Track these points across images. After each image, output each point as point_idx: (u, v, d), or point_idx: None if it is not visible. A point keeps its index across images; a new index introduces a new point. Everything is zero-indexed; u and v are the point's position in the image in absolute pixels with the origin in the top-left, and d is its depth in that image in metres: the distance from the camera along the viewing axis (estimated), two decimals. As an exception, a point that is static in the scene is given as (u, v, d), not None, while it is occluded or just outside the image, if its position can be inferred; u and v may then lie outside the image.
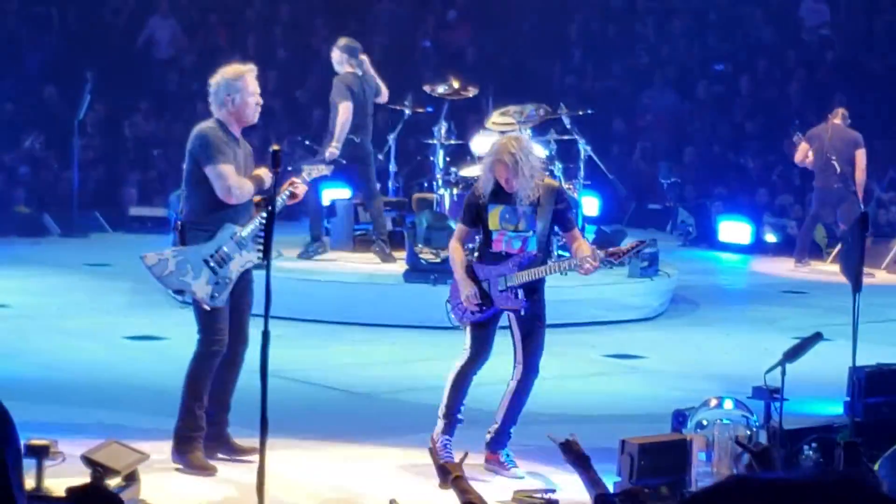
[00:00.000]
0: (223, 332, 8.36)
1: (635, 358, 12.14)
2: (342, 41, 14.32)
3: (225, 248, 8.31)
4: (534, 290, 8.65)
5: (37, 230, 18.62)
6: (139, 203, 19.88)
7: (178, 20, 22.63)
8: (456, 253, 8.79)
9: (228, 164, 8.29)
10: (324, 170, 8.86)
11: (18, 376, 10.39)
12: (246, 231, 8.35)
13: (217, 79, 8.48)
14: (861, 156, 16.98)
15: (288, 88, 21.96)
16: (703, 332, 13.40)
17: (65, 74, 20.73)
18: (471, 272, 8.69)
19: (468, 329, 8.70)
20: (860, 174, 16.95)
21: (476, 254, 8.98)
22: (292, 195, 8.45)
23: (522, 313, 8.60)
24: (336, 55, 14.16)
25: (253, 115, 8.51)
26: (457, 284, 8.69)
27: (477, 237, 9.06)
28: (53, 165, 19.88)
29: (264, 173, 8.40)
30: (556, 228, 8.96)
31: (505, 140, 8.78)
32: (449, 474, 5.14)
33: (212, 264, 8.29)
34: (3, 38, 21.43)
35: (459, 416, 8.70)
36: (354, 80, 14.02)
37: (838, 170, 16.92)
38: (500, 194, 8.66)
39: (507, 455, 8.72)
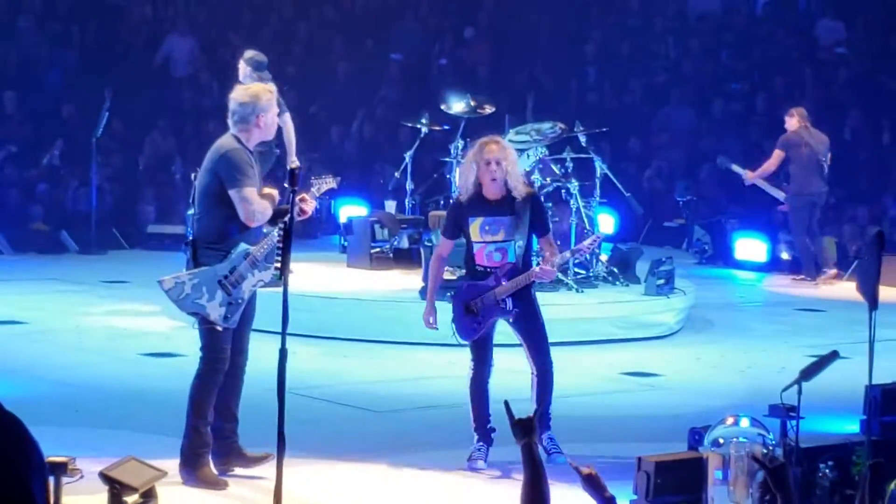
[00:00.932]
0: (226, 351, 8.39)
1: (651, 376, 12.14)
2: (249, 54, 14.13)
3: (240, 269, 8.33)
4: (521, 293, 8.96)
5: (55, 247, 18.69)
6: (156, 220, 19.93)
7: (196, 38, 22.71)
8: (434, 268, 9.28)
9: (252, 187, 8.32)
10: (332, 183, 8.86)
11: (36, 393, 10.43)
12: (260, 251, 8.36)
13: (244, 98, 8.49)
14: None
15: (304, 106, 22.02)
16: (719, 350, 13.39)
17: (83, 92, 20.81)
18: (463, 293, 9.01)
19: (470, 345, 9.10)
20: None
21: (464, 271, 9.23)
22: (301, 211, 8.36)
23: (511, 320, 8.99)
24: (242, 68, 14.00)
25: (272, 134, 8.72)
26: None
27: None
28: (72, 183, 19.94)
29: (275, 193, 8.51)
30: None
31: (483, 139, 9.19)
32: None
33: (226, 285, 8.31)
34: (23, 56, 21.53)
35: (490, 426, 8.94)
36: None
37: (826, 171, 17.04)
38: (481, 204, 8.93)
39: (551, 439, 9.05)
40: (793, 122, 17.40)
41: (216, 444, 8.44)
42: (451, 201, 9.19)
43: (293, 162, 13.62)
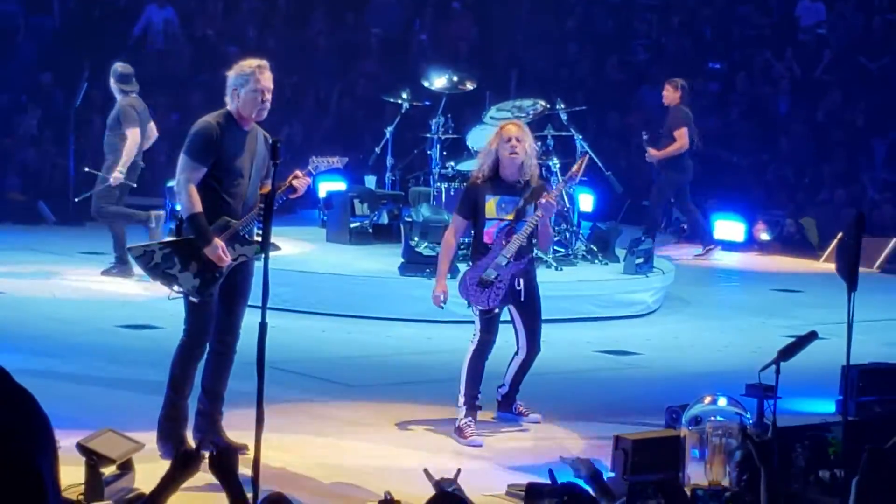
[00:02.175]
0: (208, 326, 8.32)
1: (630, 354, 12.17)
2: (119, 67, 14.80)
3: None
4: (527, 271, 9.25)
5: (32, 218, 18.62)
6: (135, 192, 19.84)
7: (175, 9, 22.61)
8: (447, 247, 9.39)
9: (199, 164, 8.18)
10: (335, 162, 8.75)
11: (12, 364, 10.34)
12: (240, 224, 8.27)
13: (231, 70, 8.43)
14: None
15: (284, 79, 21.94)
16: (697, 330, 13.42)
17: (61, 62, 20.71)
18: (474, 271, 9.15)
19: (479, 316, 9.17)
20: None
21: (470, 254, 9.27)
22: (292, 188, 8.31)
23: (522, 298, 9.22)
24: (113, 84, 14.72)
25: (252, 110, 8.30)
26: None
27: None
28: (49, 153, 19.85)
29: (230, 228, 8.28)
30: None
31: (506, 122, 9.65)
32: (446, 488, 5.14)
33: (202, 256, 8.22)
34: (3, 26, 21.41)
35: (478, 403, 9.18)
36: (138, 103, 14.64)
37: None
38: (499, 185, 9.22)
39: (520, 404, 9.54)
40: (677, 95, 17.27)
41: (199, 421, 8.41)
42: (465, 184, 9.37)
43: (119, 171, 14.36)
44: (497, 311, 9.22)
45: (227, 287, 8.36)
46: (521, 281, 9.20)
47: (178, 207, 8.40)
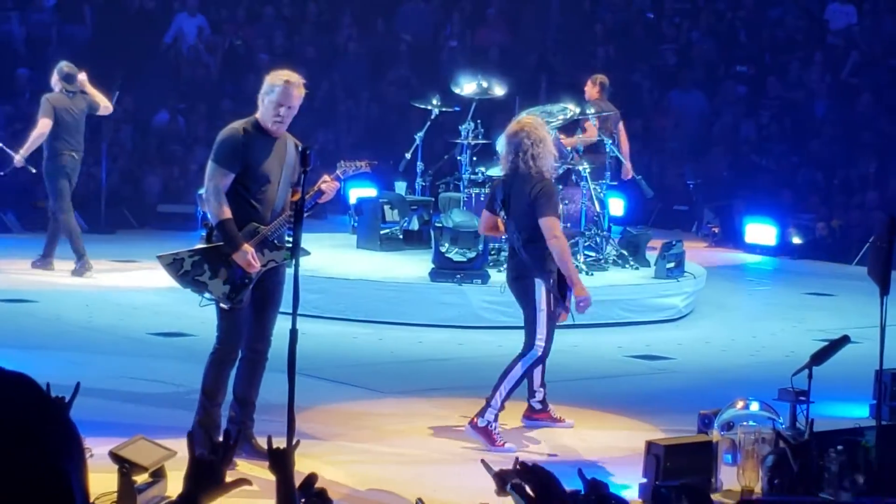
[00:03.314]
0: (239, 333, 8.34)
1: (661, 359, 12.13)
2: (65, 67, 15.30)
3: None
4: None
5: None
6: (166, 199, 19.94)
7: (206, 17, 22.69)
8: (567, 247, 9.38)
9: (225, 170, 8.21)
10: (363, 166, 8.79)
11: (45, 372, 10.39)
12: (269, 229, 8.28)
13: (267, 76, 8.49)
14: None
15: (314, 85, 22.00)
16: (728, 334, 13.38)
17: (94, 70, 20.78)
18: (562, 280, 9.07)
19: (550, 325, 9.04)
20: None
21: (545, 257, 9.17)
22: (321, 192, 8.34)
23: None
24: (54, 78, 15.21)
25: (270, 123, 8.29)
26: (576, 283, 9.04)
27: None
28: (83, 160, 19.91)
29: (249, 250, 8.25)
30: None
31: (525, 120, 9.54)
32: (509, 481, 5.06)
33: (232, 263, 8.25)
34: (36, 33, 21.52)
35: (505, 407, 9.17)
36: (63, 100, 15.08)
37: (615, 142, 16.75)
38: None
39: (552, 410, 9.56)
40: (595, 90, 16.79)
41: (230, 428, 8.39)
42: (546, 183, 9.17)
43: (19, 156, 15.17)
44: None
45: (259, 294, 8.37)
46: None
47: (208, 215, 8.42)
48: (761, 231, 18.87)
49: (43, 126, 14.96)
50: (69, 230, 15.06)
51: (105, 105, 15.43)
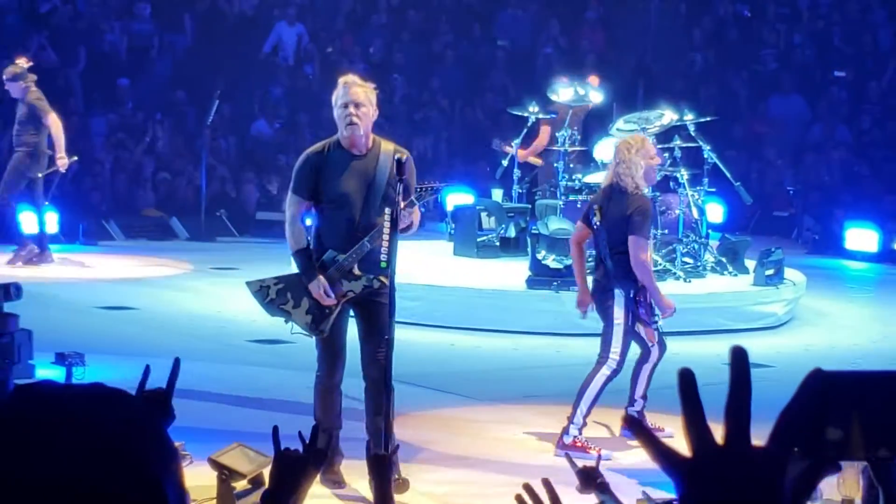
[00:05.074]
0: (334, 360, 8.12)
1: (760, 367, 12.01)
2: (19, 61, 15.57)
3: (328, 276, 8.01)
4: None
5: (165, 234, 18.92)
6: (264, 207, 20.10)
7: (305, 26, 22.85)
8: (649, 266, 9.31)
9: (298, 197, 8.05)
10: (433, 188, 8.47)
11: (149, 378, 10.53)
12: (346, 257, 7.96)
13: None
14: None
15: (410, 93, 22.08)
16: (829, 342, 13.24)
17: (193, 79, 21.04)
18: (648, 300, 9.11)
19: (625, 341, 9.05)
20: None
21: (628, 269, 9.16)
22: (406, 226, 7.86)
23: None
24: (29, 78, 15.40)
25: (344, 128, 7.96)
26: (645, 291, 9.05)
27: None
28: (182, 170, 20.17)
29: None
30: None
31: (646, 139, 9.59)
32: (594, 479, 5.07)
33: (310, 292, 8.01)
34: (136, 42, 21.80)
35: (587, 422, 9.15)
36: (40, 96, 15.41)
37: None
38: None
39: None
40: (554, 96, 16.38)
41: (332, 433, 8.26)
42: (645, 203, 9.17)
43: (61, 158, 15.23)
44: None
45: (361, 320, 8.12)
46: None
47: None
48: (862, 237, 18.64)
49: (57, 119, 15.27)
50: None
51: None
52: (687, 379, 1.80)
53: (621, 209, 9.08)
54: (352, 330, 8.28)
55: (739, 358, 1.81)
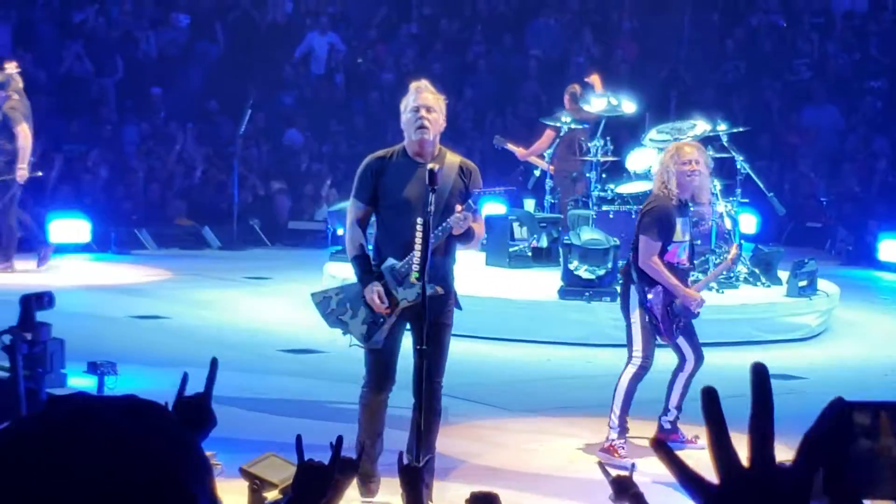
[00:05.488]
0: (382, 375, 7.95)
1: (793, 378, 11.96)
2: (10, 73, 15.55)
3: (382, 285, 7.89)
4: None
5: (197, 243, 18.96)
6: (296, 217, 20.13)
7: (337, 35, 22.89)
8: (664, 270, 9.12)
9: (357, 202, 7.93)
10: (497, 191, 8.33)
11: (176, 388, 10.54)
12: (401, 264, 7.84)
13: None
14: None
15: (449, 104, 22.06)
16: (863, 353, 13.16)
17: (226, 89, 21.08)
18: (668, 295, 9.05)
19: (644, 337, 9.07)
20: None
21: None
22: (451, 227, 7.73)
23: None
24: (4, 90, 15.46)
25: (414, 133, 7.82)
26: (665, 295, 9.03)
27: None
28: (214, 179, 20.21)
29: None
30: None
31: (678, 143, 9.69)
32: (627, 489, 5.04)
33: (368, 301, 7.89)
34: (169, 51, 21.87)
35: (627, 425, 9.11)
36: (24, 106, 15.43)
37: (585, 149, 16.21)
38: (679, 206, 9.21)
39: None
40: (566, 100, 16.36)
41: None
42: (657, 205, 9.13)
43: (22, 169, 15.24)
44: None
45: (416, 333, 7.87)
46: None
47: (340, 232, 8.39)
48: (896, 248, 18.55)
49: (25, 130, 15.32)
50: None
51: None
52: (710, 398, 1.78)
53: (642, 208, 9.31)
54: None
55: (760, 375, 1.78)
